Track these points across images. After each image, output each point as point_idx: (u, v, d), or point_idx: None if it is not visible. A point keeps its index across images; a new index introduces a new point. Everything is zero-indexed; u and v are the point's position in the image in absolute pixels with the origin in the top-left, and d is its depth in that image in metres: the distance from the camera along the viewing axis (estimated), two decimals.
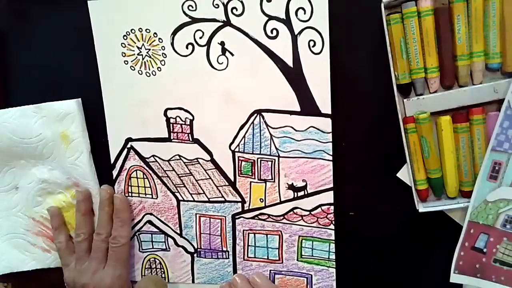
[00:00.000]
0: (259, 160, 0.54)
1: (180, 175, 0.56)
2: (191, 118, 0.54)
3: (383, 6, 0.45)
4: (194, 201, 0.57)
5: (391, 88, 0.48)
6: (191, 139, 0.55)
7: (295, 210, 0.54)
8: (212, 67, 0.53)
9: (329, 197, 0.53)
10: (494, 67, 0.45)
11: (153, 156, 0.57)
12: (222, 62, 0.52)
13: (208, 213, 0.57)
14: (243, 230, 0.56)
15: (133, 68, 0.55)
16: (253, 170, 0.54)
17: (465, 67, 0.46)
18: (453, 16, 0.45)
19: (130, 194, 0.58)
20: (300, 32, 0.50)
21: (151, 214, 0.58)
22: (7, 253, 0.61)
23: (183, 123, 0.55)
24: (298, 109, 0.51)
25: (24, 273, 0.62)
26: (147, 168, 0.57)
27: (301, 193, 0.53)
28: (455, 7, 0.44)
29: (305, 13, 0.49)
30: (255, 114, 0.53)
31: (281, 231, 0.55)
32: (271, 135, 0.53)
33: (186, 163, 0.56)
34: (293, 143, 0.52)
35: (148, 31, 0.53)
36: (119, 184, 0.58)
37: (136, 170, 0.58)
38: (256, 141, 0.53)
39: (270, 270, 0.56)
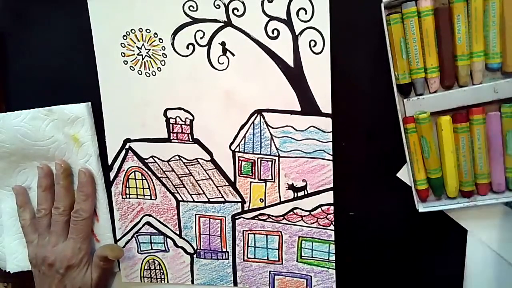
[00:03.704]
0: (259, 160, 0.54)
1: (179, 176, 0.56)
2: (191, 118, 0.54)
3: (383, 6, 0.46)
4: (193, 201, 0.56)
5: (391, 88, 0.48)
6: (191, 139, 0.55)
7: (295, 211, 0.54)
8: (213, 67, 0.53)
9: (329, 197, 0.53)
10: (494, 67, 0.45)
11: (152, 156, 0.56)
12: (223, 62, 0.52)
13: (208, 213, 0.56)
14: (243, 231, 0.56)
15: (132, 68, 0.55)
16: (253, 170, 0.54)
17: (465, 67, 0.46)
18: (453, 16, 0.45)
19: (128, 196, 0.58)
20: (301, 32, 0.50)
21: (149, 215, 0.58)
22: (17, 252, 0.62)
23: (183, 123, 0.55)
24: (298, 108, 0.52)
25: (24, 273, 0.62)
26: (146, 169, 0.57)
27: (301, 193, 0.53)
28: (455, 7, 0.45)
29: (306, 13, 0.49)
30: (256, 114, 0.53)
31: (281, 232, 0.55)
32: (271, 135, 0.53)
33: (186, 164, 0.55)
34: (293, 143, 0.52)
35: (148, 31, 0.53)
36: (117, 185, 0.58)
37: (134, 171, 0.57)
38: (256, 141, 0.53)
39: (269, 271, 0.56)
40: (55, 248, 0.56)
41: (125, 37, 0.54)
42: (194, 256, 0.58)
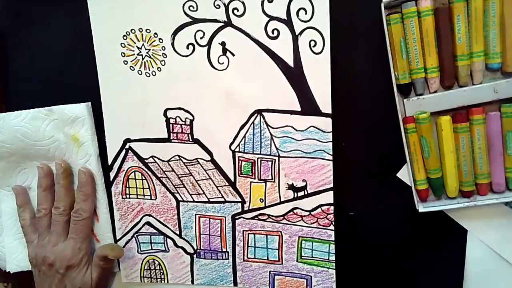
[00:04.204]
0: (259, 160, 0.54)
1: (179, 176, 0.56)
2: (191, 118, 0.54)
3: (383, 6, 0.46)
4: (193, 201, 0.56)
5: (391, 88, 0.48)
6: (191, 139, 0.55)
7: (295, 211, 0.54)
8: (213, 67, 0.53)
9: (329, 197, 0.53)
10: (494, 67, 0.45)
11: (152, 156, 0.56)
12: (223, 62, 0.52)
13: (208, 213, 0.56)
14: (243, 231, 0.56)
15: (132, 68, 0.55)
16: (253, 170, 0.54)
17: (465, 67, 0.46)
18: (453, 16, 0.45)
19: (128, 196, 0.58)
20: (301, 32, 0.50)
21: (149, 215, 0.58)
22: (17, 252, 0.62)
23: (183, 123, 0.55)
24: (298, 108, 0.51)
25: (24, 273, 0.62)
26: (146, 169, 0.57)
27: (301, 193, 0.53)
28: (455, 7, 0.45)
29: (306, 13, 0.49)
30: (256, 114, 0.53)
31: (281, 232, 0.55)
32: (271, 135, 0.53)
33: (186, 164, 0.55)
34: (293, 143, 0.52)
35: (148, 31, 0.53)
36: (117, 185, 0.58)
37: (134, 171, 0.57)
38: (256, 141, 0.53)
39: (270, 271, 0.56)
40: (55, 248, 0.56)
41: (125, 37, 0.54)
42: (194, 256, 0.58)
